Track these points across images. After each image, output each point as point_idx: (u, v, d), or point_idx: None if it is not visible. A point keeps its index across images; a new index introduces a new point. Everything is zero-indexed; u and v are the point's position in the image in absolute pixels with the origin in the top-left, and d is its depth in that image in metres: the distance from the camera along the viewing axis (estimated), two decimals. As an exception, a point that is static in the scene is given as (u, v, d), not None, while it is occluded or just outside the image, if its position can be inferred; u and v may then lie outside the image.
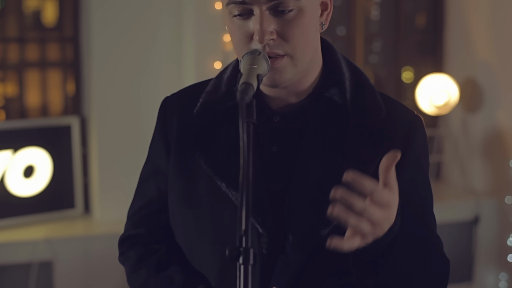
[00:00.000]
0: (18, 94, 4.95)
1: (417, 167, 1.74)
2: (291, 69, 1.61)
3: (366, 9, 5.75)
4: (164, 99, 1.87)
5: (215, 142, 1.72)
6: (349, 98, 1.70)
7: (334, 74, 1.73)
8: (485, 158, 5.41)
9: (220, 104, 1.75)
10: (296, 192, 1.66)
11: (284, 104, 1.72)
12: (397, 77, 5.81)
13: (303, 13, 1.59)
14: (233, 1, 1.58)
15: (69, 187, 4.77)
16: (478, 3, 5.41)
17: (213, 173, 1.70)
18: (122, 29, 4.65)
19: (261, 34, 1.56)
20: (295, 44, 1.59)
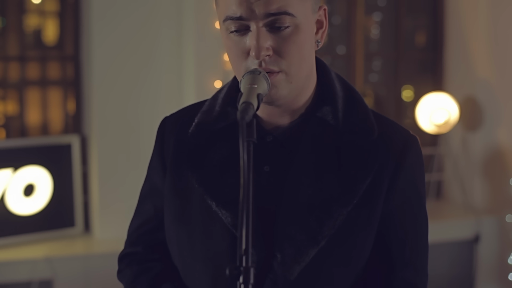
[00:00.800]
0: (19, 112, 4.96)
1: (410, 189, 1.73)
2: (286, 85, 1.62)
3: (366, 27, 5.76)
4: (163, 119, 1.89)
5: (208, 161, 1.74)
6: (341, 118, 1.71)
7: (327, 93, 1.74)
8: (485, 177, 5.41)
9: (214, 124, 1.76)
10: (286, 211, 1.66)
11: (277, 124, 1.72)
12: (397, 96, 5.82)
13: (299, 30, 1.60)
14: (230, 17, 1.59)
15: (69, 205, 4.76)
16: (477, 22, 5.43)
17: (204, 192, 1.71)
18: (122, 48, 4.66)
19: (258, 50, 1.57)
20: (290, 61, 1.60)
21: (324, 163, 1.68)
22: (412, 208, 1.74)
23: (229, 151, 1.72)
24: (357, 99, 1.76)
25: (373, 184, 1.67)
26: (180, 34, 4.75)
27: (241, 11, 1.57)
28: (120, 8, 4.63)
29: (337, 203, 1.64)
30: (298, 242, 1.64)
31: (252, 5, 1.56)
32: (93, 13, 4.61)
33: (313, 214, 1.64)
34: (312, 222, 1.64)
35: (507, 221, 5.17)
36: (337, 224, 1.64)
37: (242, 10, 1.57)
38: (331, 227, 1.64)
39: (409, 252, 1.72)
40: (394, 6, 5.78)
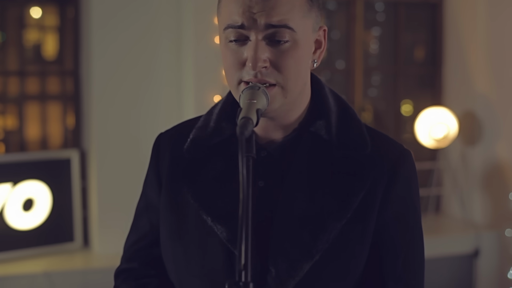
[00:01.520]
0: (18, 127, 4.96)
1: (404, 203, 1.72)
2: (280, 99, 1.62)
3: (365, 42, 5.78)
4: (158, 135, 1.89)
5: (202, 176, 1.74)
6: (334, 133, 1.71)
7: (320, 108, 1.74)
8: (484, 191, 5.41)
9: (209, 139, 1.77)
10: (280, 226, 1.66)
11: (271, 139, 1.73)
12: (396, 110, 5.83)
13: (298, 45, 1.61)
14: (231, 26, 1.60)
15: (68, 220, 4.76)
16: (476, 37, 5.45)
17: (199, 207, 1.72)
18: (121, 63, 4.67)
19: (255, 60, 1.58)
20: (286, 75, 1.60)
21: (317, 177, 1.68)
22: (406, 222, 1.73)
23: (224, 166, 1.73)
24: (350, 114, 1.77)
25: (367, 198, 1.67)
26: (179, 48, 4.76)
27: (242, 20, 1.58)
28: (119, 23, 4.64)
29: (331, 217, 1.64)
30: (292, 257, 1.64)
31: (254, 15, 1.57)
32: (93, 28, 4.62)
33: (307, 229, 1.64)
34: (306, 237, 1.64)
35: (506, 236, 5.17)
36: (331, 238, 1.64)
37: (244, 19, 1.58)
38: (325, 241, 1.64)
39: (401, 267, 1.71)
40: (393, 21, 5.80)
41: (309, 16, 1.64)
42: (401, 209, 1.71)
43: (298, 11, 1.60)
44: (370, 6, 5.77)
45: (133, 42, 4.68)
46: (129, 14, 4.66)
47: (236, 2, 1.59)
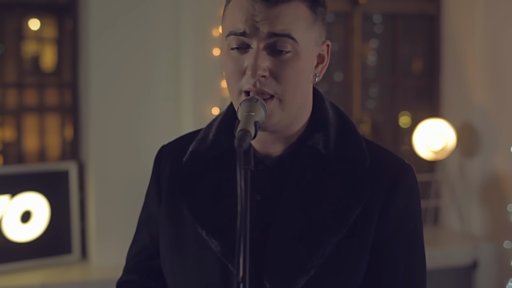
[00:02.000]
0: (16, 139, 4.96)
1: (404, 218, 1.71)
2: (278, 113, 1.62)
3: (363, 54, 5.79)
4: (160, 147, 1.90)
5: (199, 189, 1.74)
6: (332, 147, 1.71)
7: (319, 122, 1.74)
8: (483, 203, 5.41)
9: (208, 152, 1.77)
10: (275, 240, 1.66)
11: (269, 152, 1.73)
12: (394, 122, 5.83)
13: (299, 57, 1.61)
14: (233, 33, 1.61)
15: (66, 232, 4.75)
16: (474, 49, 5.45)
17: (195, 220, 1.72)
18: (120, 75, 4.67)
19: (254, 68, 1.57)
20: (285, 86, 1.60)
21: (313, 192, 1.68)
22: (406, 238, 1.72)
23: (221, 180, 1.73)
24: (350, 127, 1.76)
25: (364, 213, 1.66)
26: (178, 59, 4.76)
27: (245, 28, 1.58)
28: (118, 35, 4.65)
29: (327, 232, 1.63)
30: (287, 271, 1.64)
31: (257, 23, 1.58)
32: (91, 40, 4.63)
33: (302, 243, 1.63)
34: (302, 251, 1.63)
35: (505, 247, 5.16)
36: (326, 253, 1.63)
37: (246, 26, 1.58)
38: (320, 256, 1.63)
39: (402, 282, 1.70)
40: (390, 33, 5.82)
41: (313, 29, 1.64)
42: (401, 223, 1.70)
43: (302, 22, 1.60)
44: (368, 18, 5.78)
45: (131, 54, 4.68)
46: (127, 26, 4.66)
47: (240, 9, 1.60)
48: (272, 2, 1.57)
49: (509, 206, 5.12)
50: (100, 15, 4.62)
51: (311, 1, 1.63)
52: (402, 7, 5.76)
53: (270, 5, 1.58)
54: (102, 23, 4.63)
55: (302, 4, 1.61)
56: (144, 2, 4.69)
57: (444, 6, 5.79)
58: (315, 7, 1.64)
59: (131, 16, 4.67)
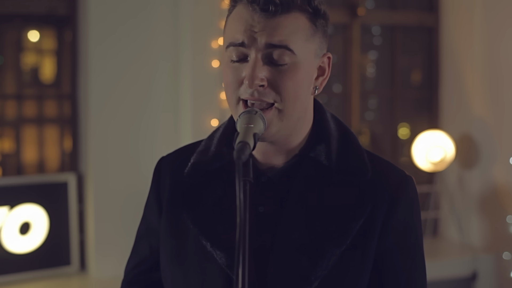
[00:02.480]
0: (15, 150, 4.96)
1: (405, 230, 1.72)
2: (277, 123, 1.62)
3: (362, 66, 5.79)
4: (159, 159, 1.89)
5: (202, 201, 1.74)
6: (334, 159, 1.71)
7: (321, 134, 1.74)
8: (482, 214, 5.41)
9: (210, 164, 1.77)
10: (279, 252, 1.66)
11: (272, 164, 1.73)
12: (393, 134, 5.84)
13: (298, 69, 1.61)
14: (232, 44, 1.61)
15: (65, 244, 4.74)
16: (473, 60, 5.46)
17: (199, 232, 1.71)
18: (119, 87, 4.68)
19: (252, 78, 1.58)
20: (284, 96, 1.60)
21: (316, 203, 1.68)
22: (408, 249, 1.72)
23: (224, 191, 1.73)
24: (351, 139, 1.76)
25: (366, 224, 1.66)
26: (177, 71, 4.77)
27: (243, 38, 1.59)
28: (117, 46, 4.66)
29: (330, 243, 1.64)
30: (291, 283, 1.64)
31: (255, 34, 1.58)
32: (90, 51, 4.64)
33: (306, 255, 1.63)
34: (305, 263, 1.63)
35: (504, 259, 5.16)
36: (330, 264, 1.63)
37: (245, 37, 1.59)
38: (324, 268, 1.63)
39: None
40: (389, 44, 5.83)
41: (312, 40, 1.64)
42: (402, 235, 1.71)
43: (301, 34, 1.61)
44: (366, 30, 5.79)
45: (130, 66, 4.69)
46: (127, 37, 4.67)
47: (239, 20, 1.61)
48: (271, 13, 1.58)
49: (508, 217, 5.12)
50: (99, 27, 4.63)
51: (311, 13, 1.63)
52: (400, 19, 5.77)
53: (269, 16, 1.58)
54: (101, 35, 4.64)
55: (302, 15, 1.61)
56: (142, 14, 4.71)
57: (442, 18, 5.80)
58: (315, 19, 1.64)
59: (130, 28, 4.68)
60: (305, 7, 1.62)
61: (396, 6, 5.78)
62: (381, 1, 5.87)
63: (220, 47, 4.60)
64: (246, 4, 1.60)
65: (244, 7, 1.61)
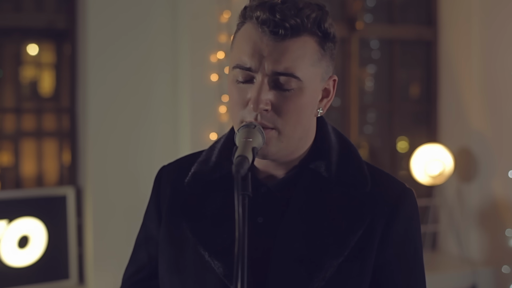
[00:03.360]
0: (14, 163, 4.95)
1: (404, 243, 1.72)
2: (276, 143, 1.63)
3: (360, 80, 5.80)
4: (160, 168, 1.90)
5: (202, 211, 1.75)
6: (334, 171, 1.71)
7: (322, 146, 1.74)
8: (481, 228, 5.40)
9: (210, 174, 1.77)
10: (277, 263, 1.66)
11: (271, 175, 1.74)
12: (392, 147, 5.84)
13: (302, 94, 1.61)
14: (240, 66, 1.61)
15: (64, 257, 4.74)
16: (471, 74, 5.47)
17: (197, 242, 1.72)
18: (118, 100, 4.68)
19: (256, 102, 1.58)
20: (286, 120, 1.61)
21: (315, 214, 1.68)
22: (407, 262, 1.72)
23: (223, 202, 1.73)
24: (352, 151, 1.77)
25: (365, 236, 1.66)
26: (176, 84, 4.78)
27: (251, 63, 1.59)
28: (116, 60, 4.66)
29: (328, 255, 1.64)
30: None
31: (263, 58, 1.58)
32: (89, 65, 4.64)
33: (303, 266, 1.64)
34: (303, 274, 1.63)
35: (503, 272, 5.15)
36: (327, 276, 1.63)
37: (253, 62, 1.58)
38: (321, 279, 1.63)
39: None
40: (388, 58, 5.84)
41: (319, 65, 1.63)
42: (401, 248, 1.71)
43: (308, 59, 1.60)
44: (365, 43, 5.80)
45: (129, 79, 4.70)
46: (126, 51, 4.68)
47: (248, 42, 1.60)
48: (281, 37, 1.57)
49: (507, 230, 5.12)
50: (98, 41, 4.64)
51: (321, 37, 1.63)
52: (399, 33, 5.79)
53: (279, 39, 1.57)
54: (100, 48, 4.65)
55: (311, 39, 1.61)
56: (141, 26, 4.72)
57: (441, 32, 5.81)
58: (324, 43, 1.63)
59: (129, 41, 4.69)
60: (315, 30, 1.61)
61: (394, 20, 5.80)
62: (379, 15, 5.88)
63: (219, 61, 4.61)
64: (256, 24, 1.60)
65: (254, 27, 1.60)
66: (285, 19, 1.57)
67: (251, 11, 1.62)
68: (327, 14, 1.64)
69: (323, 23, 1.62)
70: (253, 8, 1.61)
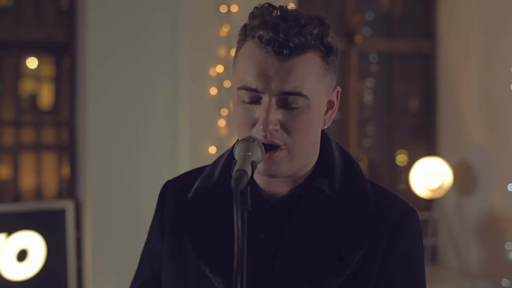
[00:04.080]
0: (13, 177, 4.95)
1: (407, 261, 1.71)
2: (287, 162, 1.62)
3: (359, 93, 5.81)
4: (165, 182, 1.90)
5: (204, 227, 1.74)
6: (337, 189, 1.71)
7: (326, 163, 1.74)
8: (480, 241, 5.40)
9: (213, 189, 1.77)
10: (279, 280, 1.65)
11: (275, 192, 1.73)
12: (391, 161, 5.84)
13: (310, 110, 1.60)
14: (245, 87, 1.59)
15: (63, 271, 4.73)
16: (470, 87, 5.48)
17: (199, 258, 1.72)
18: (117, 114, 4.68)
19: (266, 123, 1.57)
20: (295, 137, 1.60)
21: (317, 232, 1.67)
22: (409, 280, 1.72)
23: (225, 217, 1.73)
24: (355, 169, 1.76)
25: (367, 255, 1.66)
26: (175, 97, 4.78)
27: (257, 85, 1.57)
28: (116, 73, 4.67)
29: (330, 274, 1.63)
30: None
31: (269, 79, 1.56)
32: (89, 78, 4.65)
33: (305, 284, 1.63)
34: None
35: (503, 286, 5.14)
36: None
37: (259, 84, 1.57)
38: None
39: None
40: (387, 72, 5.85)
41: (324, 80, 1.63)
42: (404, 265, 1.70)
43: (313, 75, 1.59)
44: (364, 57, 5.81)
45: (128, 92, 4.70)
46: (126, 65, 4.69)
47: (252, 62, 1.59)
48: (285, 56, 1.56)
49: (507, 244, 5.11)
50: (97, 54, 4.65)
51: (324, 51, 1.62)
52: (398, 46, 5.80)
53: (283, 59, 1.56)
54: (100, 62, 4.65)
55: (315, 55, 1.60)
56: (141, 36, 4.73)
57: (439, 45, 5.82)
58: (327, 57, 1.63)
59: (129, 55, 4.70)
60: (318, 46, 1.60)
61: (393, 33, 5.81)
62: (378, 29, 5.90)
63: (218, 74, 4.61)
64: (259, 44, 1.58)
65: (256, 46, 1.59)
66: (289, 38, 1.55)
67: (253, 30, 1.60)
68: (329, 27, 1.63)
69: (325, 38, 1.61)
70: (255, 27, 1.59)
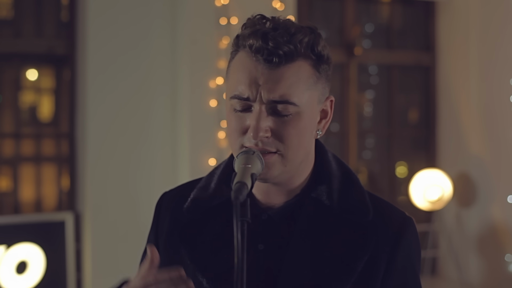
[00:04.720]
0: (13, 189, 4.95)
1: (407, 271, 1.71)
2: (279, 167, 1.62)
3: (359, 105, 5.81)
4: (162, 194, 1.90)
5: (200, 238, 1.74)
6: (336, 199, 1.71)
7: (323, 174, 1.74)
8: (480, 253, 5.39)
9: (209, 201, 1.77)
10: None
11: (273, 202, 1.73)
12: (391, 173, 5.84)
13: (301, 117, 1.61)
14: (237, 97, 1.60)
15: (62, 283, 4.72)
16: (469, 99, 5.49)
17: (196, 269, 1.71)
18: (117, 126, 4.69)
19: (256, 130, 1.58)
20: (288, 145, 1.60)
21: (319, 242, 1.68)
22: None
23: (222, 228, 1.73)
24: (353, 180, 1.76)
25: (370, 263, 1.66)
26: (175, 109, 4.78)
27: (248, 93, 1.58)
28: (115, 85, 4.68)
29: (334, 283, 1.63)
30: None
31: (259, 87, 1.57)
32: (88, 90, 4.65)
33: None
34: None
35: (503, 298, 5.14)
36: None
37: (250, 92, 1.58)
38: None
39: None
40: (386, 83, 5.85)
41: (315, 88, 1.63)
42: (403, 276, 1.70)
43: (303, 83, 1.60)
44: (363, 69, 5.82)
45: (127, 104, 4.71)
46: (125, 77, 4.70)
47: (243, 71, 1.60)
48: (275, 64, 1.57)
49: (507, 256, 5.10)
50: (97, 66, 4.66)
51: (315, 60, 1.63)
52: (397, 58, 5.81)
53: (273, 67, 1.57)
54: (99, 74, 4.66)
55: (305, 63, 1.61)
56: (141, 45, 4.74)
57: (439, 57, 5.83)
58: (318, 66, 1.63)
59: (128, 65, 4.70)
60: (309, 54, 1.61)
61: (392, 45, 5.82)
62: (378, 41, 5.91)
63: (218, 86, 4.62)
64: (250, 53, 1.60)
65: (247, 56, 1.60)
66: (278, 46, 1.57)
67: (244, 40, 1.62)
68: (320, 37, 1.64)
69: (316, 46, 1.62)
70: (245, 36, 1.61)
